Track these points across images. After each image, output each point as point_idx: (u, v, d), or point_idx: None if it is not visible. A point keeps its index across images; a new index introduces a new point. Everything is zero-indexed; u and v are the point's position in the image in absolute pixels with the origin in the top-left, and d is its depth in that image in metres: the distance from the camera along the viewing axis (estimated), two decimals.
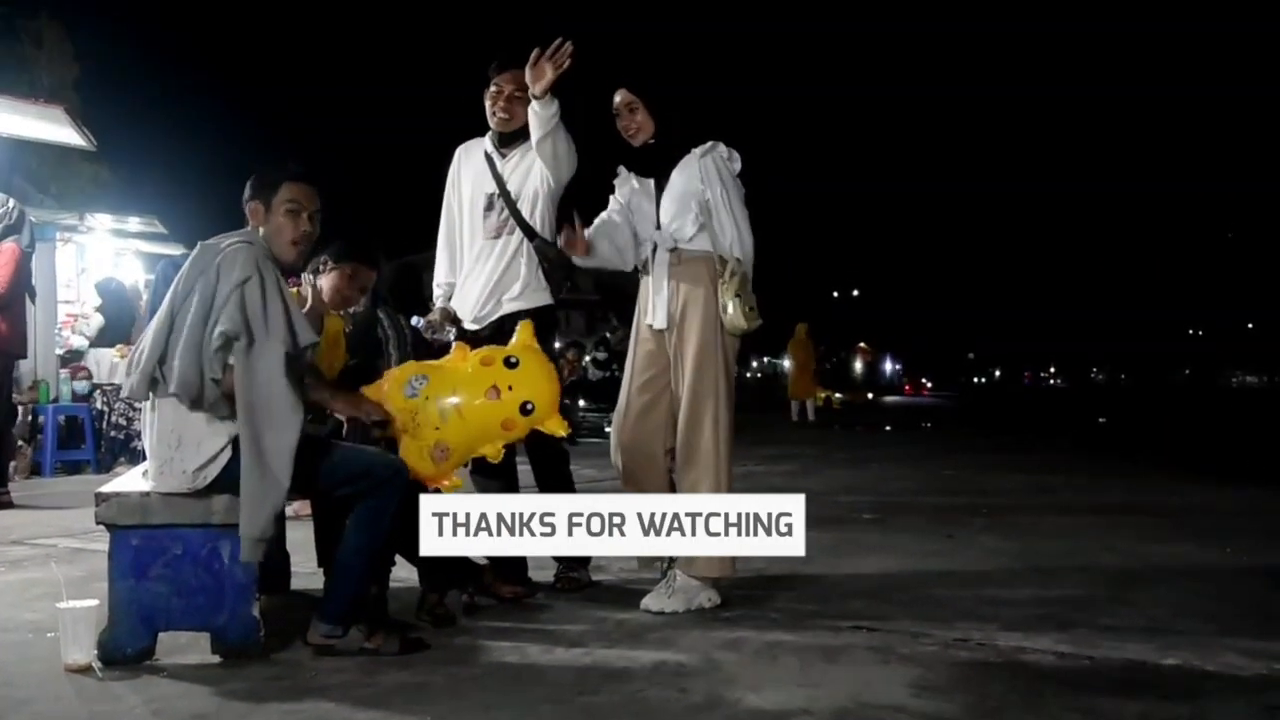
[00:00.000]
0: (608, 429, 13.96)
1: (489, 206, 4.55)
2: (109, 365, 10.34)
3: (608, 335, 19.73)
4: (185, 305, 3.35)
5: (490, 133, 4.60)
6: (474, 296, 4.55)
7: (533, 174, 4.52)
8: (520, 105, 4.41)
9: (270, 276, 3.38)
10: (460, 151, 4.74)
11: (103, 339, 10.50)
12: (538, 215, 4.51)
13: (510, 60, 4.43)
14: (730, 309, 4.10)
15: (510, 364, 3.73)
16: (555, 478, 4.58)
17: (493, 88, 4.51)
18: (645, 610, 4.08)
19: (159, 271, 5.00)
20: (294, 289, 3.92)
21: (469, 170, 4.66)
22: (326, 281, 4.20)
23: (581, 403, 16.46)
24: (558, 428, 3.82)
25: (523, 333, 3.89)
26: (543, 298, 4.51)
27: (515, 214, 4.51)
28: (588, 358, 18.35)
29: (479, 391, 3.70)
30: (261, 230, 3.54)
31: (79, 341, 10.76)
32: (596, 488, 4.42)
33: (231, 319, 3.27)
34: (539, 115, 4.17)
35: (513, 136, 4.55)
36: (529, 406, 3.72)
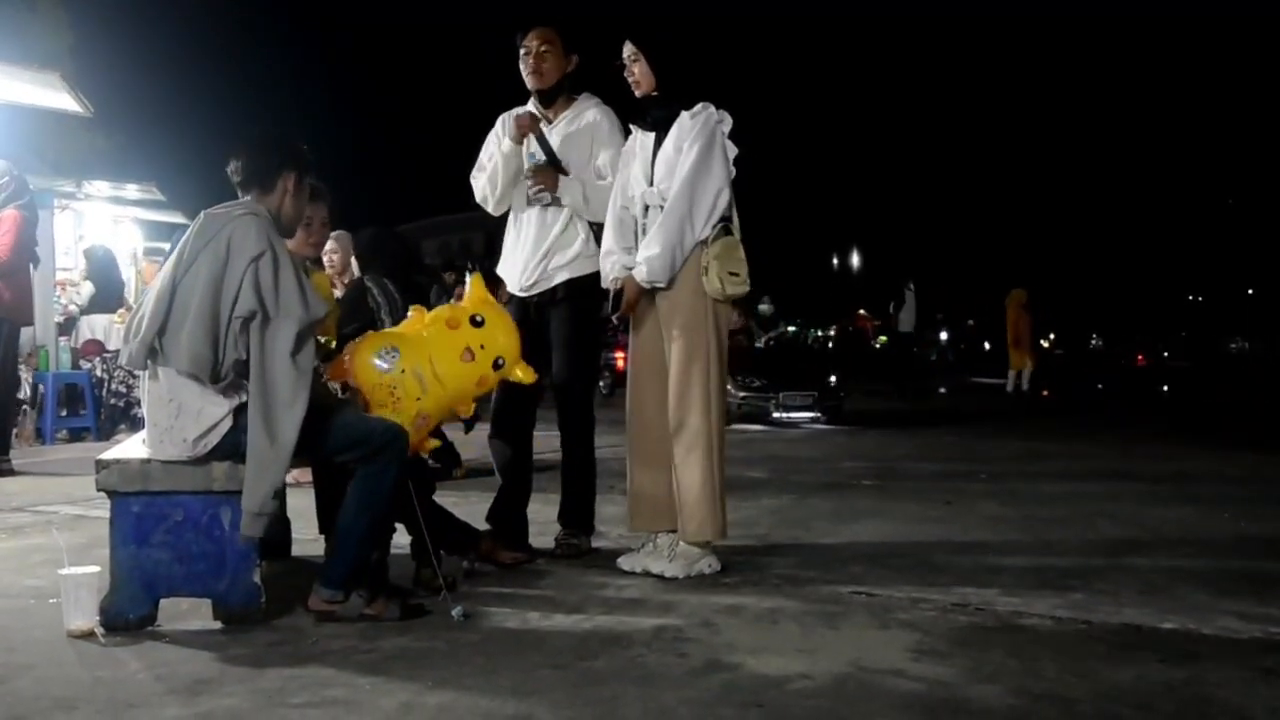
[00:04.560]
0: (781, 414, 11.78)
1: (534, 157, 4.50)
2: (103, 332, 10.31)
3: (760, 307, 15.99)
4: (190, 277, 3.33)
5: (532, 98, 4.56)
6: (521, 263, 4.51)
7: (583, 138, 4.51)
8: (548, 59, 4.43)
9: (281, 249, 3.39)
10: (504, 118, 4.66)
11: (93, 306, 10.46)
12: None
13: (530, 21, 4.45)
14: (709, 273, 4.10)
15: (477, 323, 3.74)
16: (579, 445, 4.59)
17: (521, 50, 4.48)
18: (645, 572, 4.10)
19: (175, 242, 4.98)
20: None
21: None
22: (292, 242, 4.10)
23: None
24: (525, 375, 3.89)
25: (476, 287, 3.88)
26: (593, 265, 4.46)
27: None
28: (762, 307, 14.69)
29: (455, 356, 3.70)
30: (280, 201, 3.54)
31: (71, 310, 10.72)
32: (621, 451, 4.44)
33: (246, 299, 3.28)
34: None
35: (554, 95, 4.52)
36: (500, 362, 3.77)
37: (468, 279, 3.94)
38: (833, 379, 12.50)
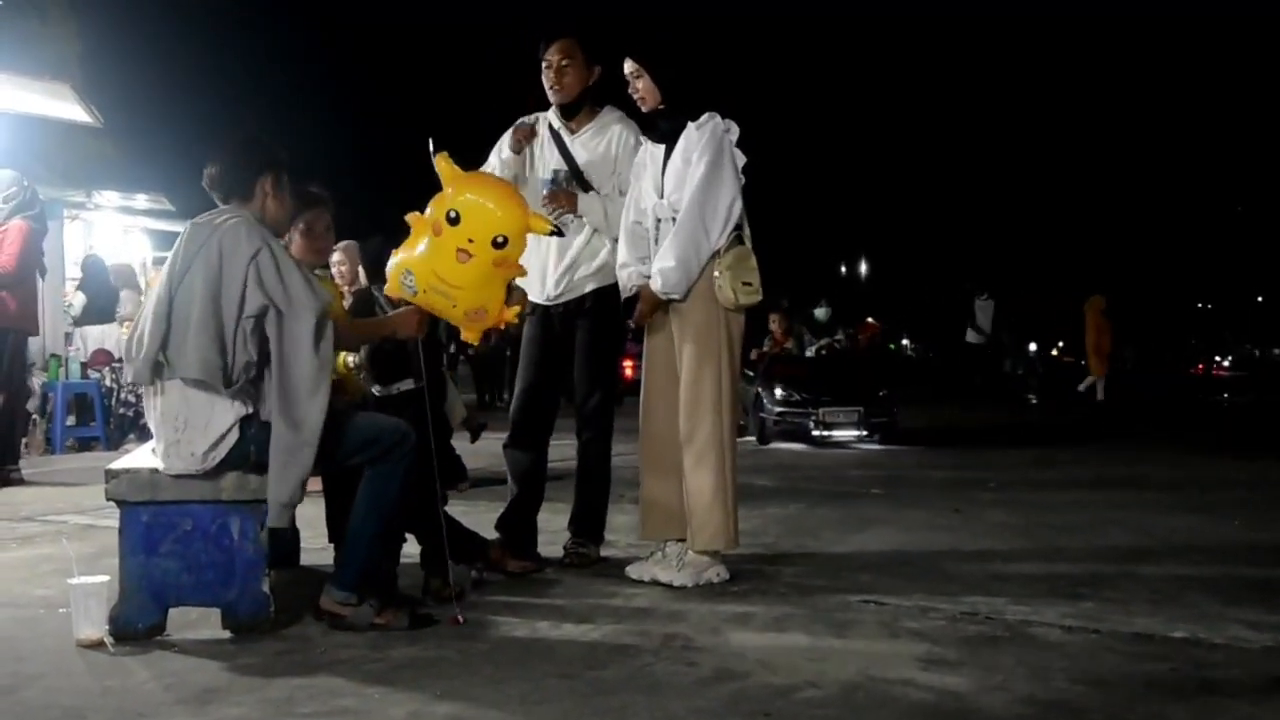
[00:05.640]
0: (821, 432, 10.42)
1: (554, 182, 4.47)
2: (95, 341, 10.33)
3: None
4: (186, 288, 3.33)
5: (552, 107, 4.53)
6: (543, 273, 4.47)
7: (609, 151, 4.49)
8: (570, 72, 4.41)
9: (276, 244, 3.41)
10: (517, 124, 4.61)
11: (86, 317, 10.48)
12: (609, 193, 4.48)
13: (551, 32, 4.44)
14: (722, 282, 4.10)
15: (452, 220, 3.59)
16: (596, 454, 4.58)
17: (543, 64, 4.46)
18: (654, 581, 4.09)
19: None
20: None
21: (532, 145, 4.56)
22: (295, 249, 4.11)
23: (778, 393, 10.74)
24: (541, 225, 3.79)
25: (441, 165, 3.69)
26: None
27: (587, 190, 4.46)
28: (818, 311, 12.76)
29: (451, 262, 3.61)
30: (262, 205, 3.53)
31: (65, 322, 10.73)
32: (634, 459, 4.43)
33: (254, 298, 3.29)
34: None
35: (576, 108, 4.50)
36: (500, 240, 3.62)
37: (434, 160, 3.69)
38: (884, 392, 10.91)
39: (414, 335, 3.80)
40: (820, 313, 13.01)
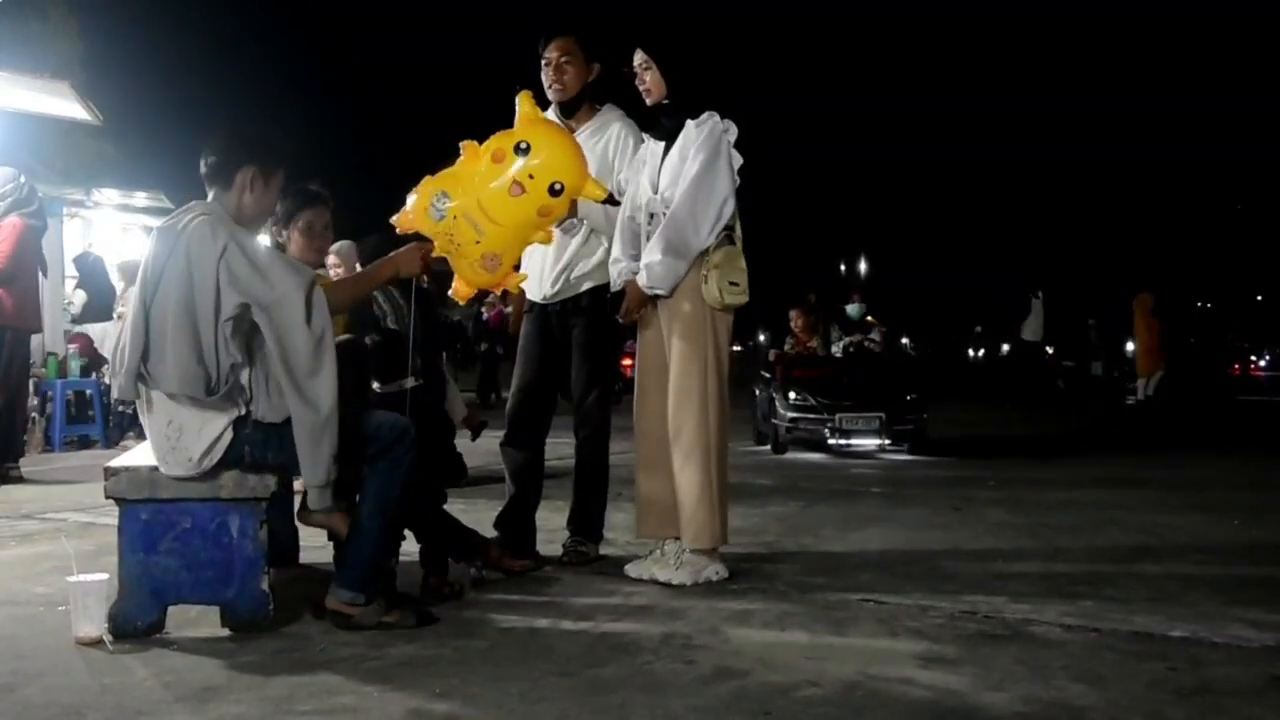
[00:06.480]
0: (839, 441, 9.58)
1: None
2: (99, 338, 10.33)
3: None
4: (161, 297, 3.31)
5: (552, 105, 4.52)
6: (541, 272, 4.47)
7: (607, 151, 4.48)
8: (570, 70, 4.41)
9: (242, 236, 3.38)
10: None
11: (87, 314, 10.46)
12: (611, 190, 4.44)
13: (551, 29, 4.43)
14: (709, 282, 4.09)
15: (521, 150, 3.56)
16: (594, 452, 4.58)
17: (542, 61, 4.45)
18: (653, 579, 4.09)
19: None
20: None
21: None
22: (294, 248, 4.08)
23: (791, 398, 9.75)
24: (596, 192, 3.77)
25: (523, 103, 3.68)
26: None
27: None
28: (851, 308, 11.70)
29: (503, 193, 3.56)
30: (239, 197, 3.49)
31: (64, 320, 10.71)
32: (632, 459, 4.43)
33: (229, 298, 3.27)
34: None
35: (575, 106, 4.50)
36: (558, 187, 3.59)
37: (516, 99, 3.65)
38: (912, 396, 9.91)
39: (416, 273, 3.71)
40: (853, 309, 12.26)
